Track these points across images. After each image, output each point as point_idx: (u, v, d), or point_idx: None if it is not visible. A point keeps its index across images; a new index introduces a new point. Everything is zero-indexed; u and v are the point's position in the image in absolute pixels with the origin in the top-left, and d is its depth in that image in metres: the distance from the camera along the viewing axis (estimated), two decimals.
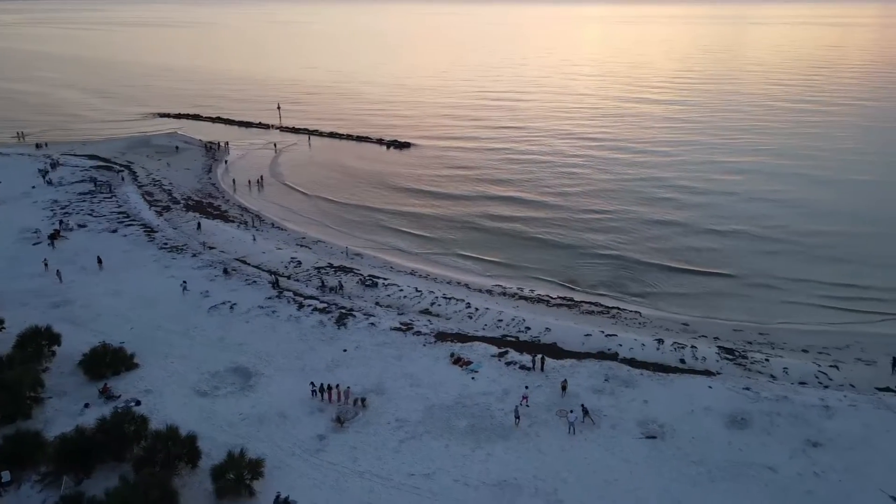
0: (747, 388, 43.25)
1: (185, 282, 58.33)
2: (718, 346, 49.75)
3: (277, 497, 33.45)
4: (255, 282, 60.62)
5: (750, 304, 58.31)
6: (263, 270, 63.27)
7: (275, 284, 59.24)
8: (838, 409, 40.86)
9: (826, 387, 43.89)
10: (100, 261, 63.49)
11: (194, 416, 40.43)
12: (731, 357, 47.92)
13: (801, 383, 44.33)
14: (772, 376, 45.29)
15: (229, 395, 43.15)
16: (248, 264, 65.20)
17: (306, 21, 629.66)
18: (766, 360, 47.63)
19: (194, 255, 67.12)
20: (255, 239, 72.11)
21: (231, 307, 55.47)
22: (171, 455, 34.79)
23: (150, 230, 74.63)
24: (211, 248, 69.60)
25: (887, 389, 43.48)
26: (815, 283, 60.73)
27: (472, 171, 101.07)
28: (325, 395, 42.05)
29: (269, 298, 57.01)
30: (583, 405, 39.99)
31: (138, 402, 41.56)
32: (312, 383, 42.71)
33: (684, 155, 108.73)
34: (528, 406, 41.03)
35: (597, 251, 69.49)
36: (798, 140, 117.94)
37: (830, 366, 46.94)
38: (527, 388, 42.55)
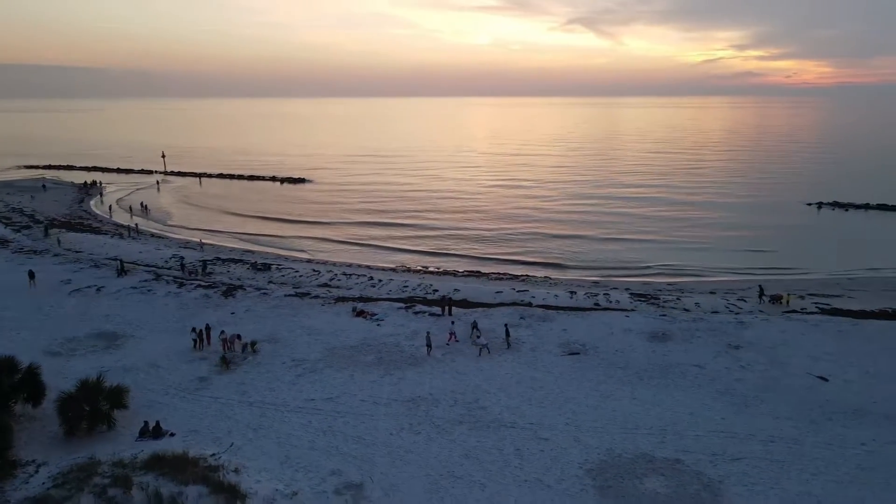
0: (663, 315, 41.96)
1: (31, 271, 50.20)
2: (630, 293, 48.65)
3: (145, 425, 27.39)
4: (129, 272, 53.65)
5: (656, 274, 58.13)
6: (140, 265, 56.40)
7: (120, 270, 52.29)
8: (753, 323, 40.23)
9: (737, 314, 43.42)
10: None
11: (43, 372, 33.27)
12: (643, 299, 46.84)
13: (714, 312, 43.66)
14: (685, 309, 44.36)
15: (89, 354, 36.41)
16: (126, 267, 57.97)
17: (198, 108, 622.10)
18: (678, 299, 46.97)
19: (56, 255, 59.16)
20: (129, 243, 64.96)
21: (98, 289, 48.38)
22: (4, 389, 27.91)
23: (3, 241, 65.54)
24: (78, 251, 61.78)
25: (793, 311, 43.64)
26: (709, 268, 60.20)
27: (368, 204, 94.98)
28: (206, 339, 36.34)
29: (145, 281, 50.39)
30: (506, 324, 36.96)
31: None
32: (194, 328, 36.92)
33: (575, 189, 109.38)
34: (457, 341, 37.07)
35: (498, 256, 65.01)
36: (676, 177, 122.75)
37: (738, 300, 46.94)
38: (453, 323, 38.80)
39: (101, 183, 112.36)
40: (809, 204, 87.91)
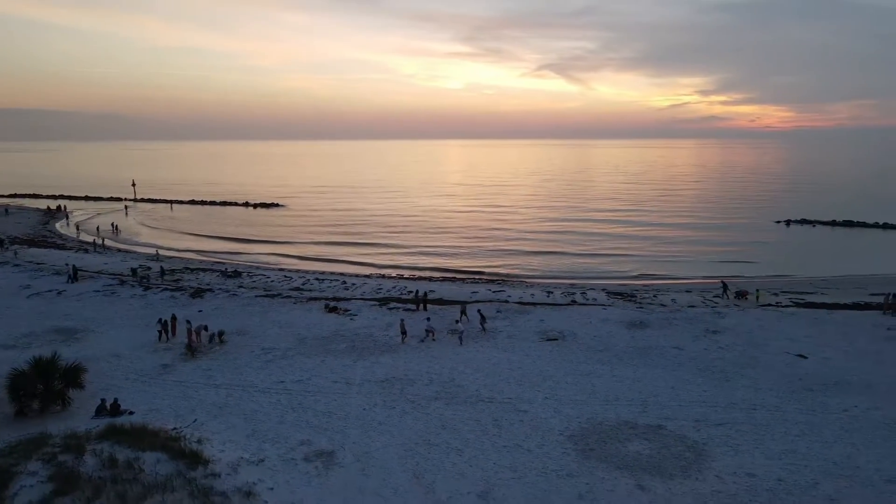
0: (640, 308, 41.65)
1: None
2: (607, 293, 48.34)
3: (102, 403, 25.88)
4: (91, 277, 51.93)
5: (633, 278, 58.05)
6: (104, 274, 54.56)
7: (72, 276, 50.30)
8: (729, 314, 40.17)
9: (714, 307, 43.28)
10: None
11: None
12: (620, 297, 46.53)
13: (691, 306, 43.44)
14: (661, 305, 44.09)
15: (45, 346, 34.35)
16: (86, 271, 56.12)
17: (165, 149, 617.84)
18: (654, 296, 46.81)
19: (16, 266, 57.06)
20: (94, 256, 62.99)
21: (59, 293, 46.59)
22: None
23: None
24: (39, 263, 59.66)
25: (768, 305, 43.65)
26: (685, 276, 60.43)
27: (343, 226, 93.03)
28: (171, 331, 34.91)
29: (109, 285, 48.72)
30: (479, 310, 36.18)
31: None
32: (159, 320, 35.48)
33: (550, 213, 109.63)
34: (434, 340, 35.50)
35: (472, 269, 63.71)
36: (649, 203, 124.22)
37: (714, 297, 46.87)
38: (429, 319, 37.55)
39: (65, 207, 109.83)
40: (778, 221, 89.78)
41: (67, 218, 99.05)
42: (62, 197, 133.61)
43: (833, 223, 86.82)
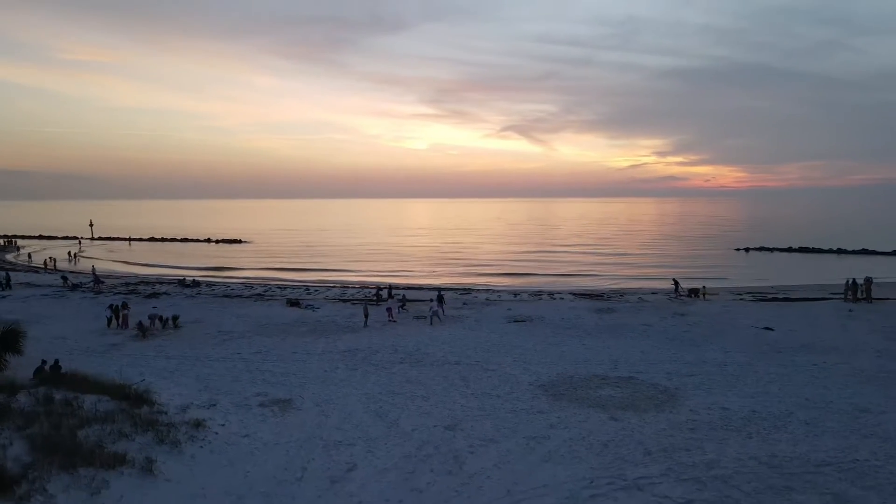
0: (608, 300, 41.37)
1: None
2: (573, 294, 48.07)
3: (42, 364, 24.07)
4: (39, 286, 49.60)
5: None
6: (54, 286, 52.19)
7: (3, 283, 47.92)
8: (695, 303, 40.35)
9: (680, 301, 43.27)
10: None
11: None
12: (587, 297, 46.25)
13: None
14: (628, 301, 43.91)
15: None
16: (35, 285, 53.70)
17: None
18: (622, 295, 46.68)
19: None
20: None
21: (2, 298, 44.22)
22: None
23: None
24: None
25: (733, 300, 43.82)
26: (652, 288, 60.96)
27: (308, 259, 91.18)
28: (122, 319, 33.23)
29: (59, 290, 46.61)
30: (440, 291, 35.40)
31: None
32: (110, 306, 33.77)
33: (517, 247, 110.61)
34: (393, 320, 34.87)
35: (440, 286, 63.87)
36: (613, 240, 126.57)
37: (682, 295, 46.91)
38: (389, 300, 36.65)
39: (16, 242, 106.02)
40: (738, 249, 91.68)
41: (18, 250, 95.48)
42: (15, 237, 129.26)
43: (790, 249, 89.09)
